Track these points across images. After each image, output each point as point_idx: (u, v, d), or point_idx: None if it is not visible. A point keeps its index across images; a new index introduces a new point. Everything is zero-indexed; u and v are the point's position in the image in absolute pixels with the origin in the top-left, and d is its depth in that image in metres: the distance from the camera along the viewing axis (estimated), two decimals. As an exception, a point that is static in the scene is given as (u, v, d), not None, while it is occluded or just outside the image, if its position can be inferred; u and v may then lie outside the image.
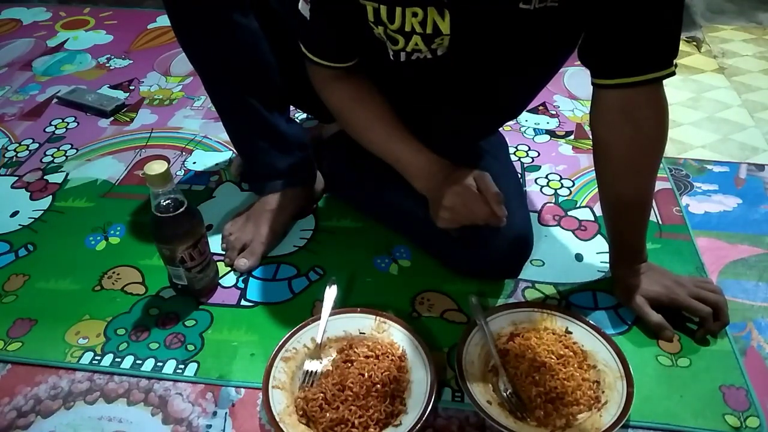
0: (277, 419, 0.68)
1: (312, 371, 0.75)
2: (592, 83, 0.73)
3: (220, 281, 0.92)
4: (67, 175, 1.15)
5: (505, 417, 0.69)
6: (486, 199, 0.75)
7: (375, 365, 0.74)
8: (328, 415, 0.69)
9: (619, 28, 0.67)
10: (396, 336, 0.79)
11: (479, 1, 0.68)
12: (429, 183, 0.81)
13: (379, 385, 0.71)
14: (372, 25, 0.73)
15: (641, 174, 0.77)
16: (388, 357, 0.76)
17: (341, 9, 0.74)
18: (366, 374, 0.72)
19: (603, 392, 0.72)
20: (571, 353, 0.76)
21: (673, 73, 0.69)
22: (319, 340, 0.78)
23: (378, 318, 0.81)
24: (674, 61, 0.69)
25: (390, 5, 0.70)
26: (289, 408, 0.70)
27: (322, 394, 0.71)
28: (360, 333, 0.80)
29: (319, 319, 0.79)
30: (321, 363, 0.76)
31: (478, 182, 0.77)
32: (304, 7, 0.76)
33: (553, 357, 0.75)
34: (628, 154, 0.75)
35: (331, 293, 0.82)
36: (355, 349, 0.77)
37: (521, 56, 0.77)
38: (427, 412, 0.69)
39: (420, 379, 0.74)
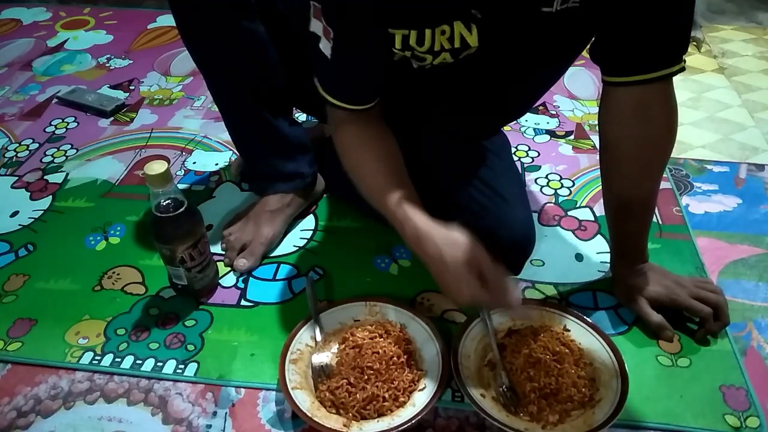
0: (310, 415, 0.69)
1: (323, 365, 0.76)
2: (603, 81, 0.73)
3: (220, 281, 0.92)
4: (67, 175, 1.15)
5: (498, 410, 0.70)
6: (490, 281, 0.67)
7: (383, 342, 0.77)
8: (358, 396, 0.72)
9: (635, 25, 0.67)
10: (389, 314, 0.83)
11: (505, 11, 0.68)
12: (417, 250, 0.72)
13: (395, 357, 0.76)
14: (397, 51, 0.72)
15: (649, 172, 0.77)
16: (390, 333, 0.79)
17: (368, 42, 0.71)
18: (380, 351, 0.76)
19: (598, 390, 0.72)
20: (567, 350, 0.76)
21: (683, 69, 0.69)
22: (318, 338, 0.79)
23: (368, 303, 0.84)
24: (683, 57, 0.69)
25: (419, 29, 0.69)
26: (314, 404, 0.72)
27: (345, 380, 0.73)
28: (355, 321, 0.82)
29: (311, 318, 0.81)
30: (328, 356, 0.78)
31: (480, 263, 0.67)
32: (325, 46, 0.71)
33: (549, 353, 0.75)
34: (638, 152, 0.75)
35: (310, 290, 0.85)
36: (358, 335, 0.79)
37: (540, 58, 0.77)
38: (446, 369, 0.74)
39: (426, 343, 0.79)
